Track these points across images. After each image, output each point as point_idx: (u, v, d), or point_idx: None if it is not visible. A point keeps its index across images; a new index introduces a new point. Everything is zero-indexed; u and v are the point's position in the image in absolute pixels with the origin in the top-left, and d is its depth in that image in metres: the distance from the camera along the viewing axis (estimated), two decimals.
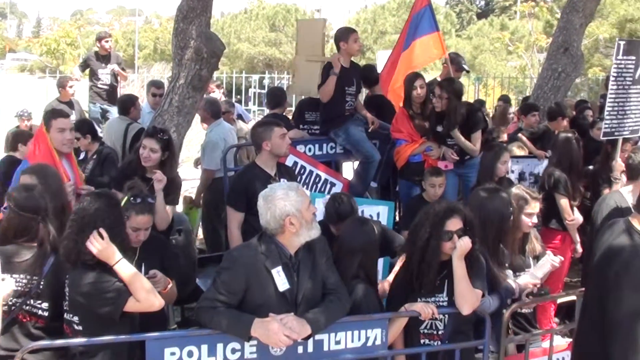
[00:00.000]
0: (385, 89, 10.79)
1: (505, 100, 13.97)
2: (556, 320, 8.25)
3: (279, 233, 4.89)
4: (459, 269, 5.24)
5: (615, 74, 8.12)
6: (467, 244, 5.24)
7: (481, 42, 42.38)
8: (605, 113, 8.21)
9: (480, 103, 13.93)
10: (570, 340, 6.16)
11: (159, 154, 7.00)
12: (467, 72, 12.36)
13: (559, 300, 7.67)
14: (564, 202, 8.13)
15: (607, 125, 8.21)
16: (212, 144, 9.74)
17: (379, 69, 11.52)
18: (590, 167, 9.24)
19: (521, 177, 9.88)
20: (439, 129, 9.08)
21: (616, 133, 8.33)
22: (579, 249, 8.38)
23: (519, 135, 10.64)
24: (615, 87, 8.14)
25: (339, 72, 8.97)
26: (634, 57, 8.13)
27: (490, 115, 13.62)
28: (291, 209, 4.82)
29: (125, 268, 4.87)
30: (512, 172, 9.41)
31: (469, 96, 18.83)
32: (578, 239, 8.27)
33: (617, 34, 33.47)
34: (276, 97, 10.77)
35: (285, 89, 15.38)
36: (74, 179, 6.99)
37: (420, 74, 9.58)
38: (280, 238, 4.91)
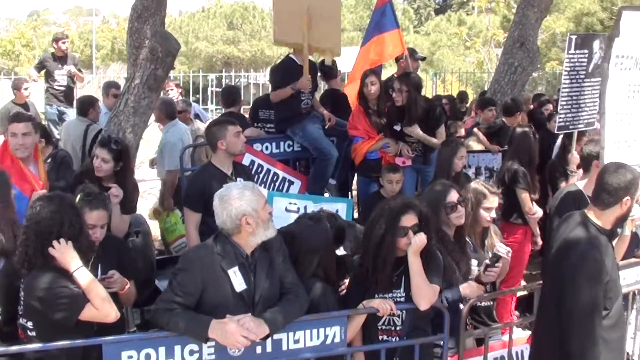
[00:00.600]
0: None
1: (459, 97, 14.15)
2: (517, 313, 8.32)
3: (235, 233, 4.86)
4: (415, 264, 5.24)
5: (567, 68, 8.19)
6: (421, 240, 5.24)
7: (439, 37, 42.59)
8: (559, 107, 8.28)
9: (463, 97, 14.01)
10: (530, 332, 6.19)
11: (111, 164, 6.98)
12: (423, 59, 12.43)
13: (519, 293, 7.75)
14: (524, 196, 8.21)
15: (561, 119, 8.28)
16: (170, 145, 9.68)
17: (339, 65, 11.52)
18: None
19: (477, 172, 9.94)
20: (397, 127, 9.09)
21: (571, 126, 8.40)
22: (539, 241, 8.46)
23: (475, 130, 10.69)
24: (568, 81, 8.20)
25: (298, 75, 9.00)
26: (586, 51, 8.20)
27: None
28: (247, 209, 4.79)
29: (83, 275, 4.82)
30: (470, 167, 9.46)
31: (427, 92, 18.87)
32: (538, 232, 8.34)
33: (573, 28, 33.77)
34: (231, 95, 10.73)
35: (244, 87, 15.30)
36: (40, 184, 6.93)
37: (373, 71, 9.58)
38: (236, 238, 4.88)
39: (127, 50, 8.96)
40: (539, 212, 8.31)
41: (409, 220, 5.29)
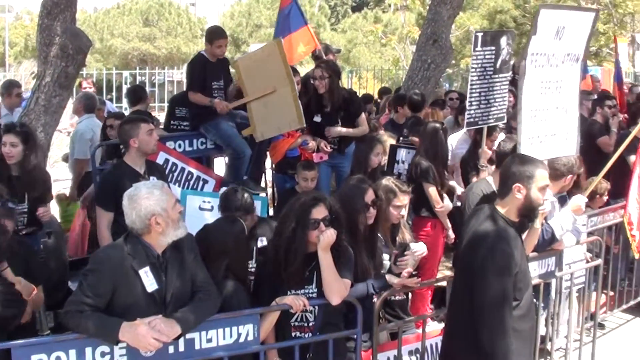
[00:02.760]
0: None
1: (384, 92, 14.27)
2: (432, 306, 8.42)
3: (145, 233, 4.81)
4: (325, 259, 5.25)
5: (475, 65, 8.28)
6: (331, 235, 5.25)
7: (355, 35, 42.81)
8: (467, 103, 8.37)
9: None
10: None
11: (20, 147, 6.95)
12: (338, 51, 12.50)
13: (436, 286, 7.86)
14: (432, 191, 8.30)
15: (470, 115, 8.36)
16: (80, 134, 9.75)
17: None
18: None
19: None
20: (317, 118, 9.12)
21: (480, 122, 8.50)
22: (451, 234, 8.55)
23: None
24: (475, 77, 8.30)
25: (209, 71, 8.97)
26: (493, 48, 8.31)
27: None
28: (156, 208, 4.74)
29: None
30: (403, 162, 9.49)
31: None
32: (449, 225, 8.44)
33: (487, 25, 34.43)
34: (137, 93, 10.67)
35: (159, 85, 15.18)
36: None
37: (294, 68, 9.59)
38: (146, 238, 4.83)
39: (37, 48, 8.82)
40: (447, 205, 8.41)
41: (320, 212, 5.30)
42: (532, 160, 5.29)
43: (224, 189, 7.14)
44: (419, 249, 6.46)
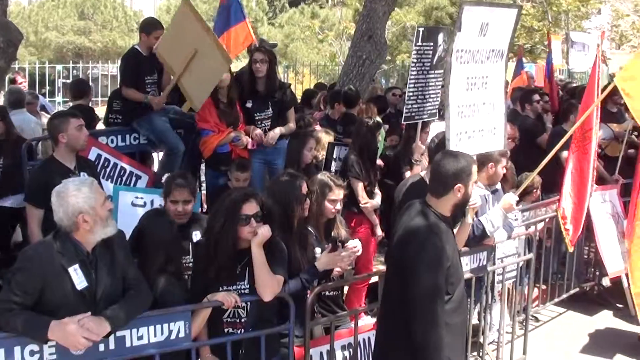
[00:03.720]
0: None
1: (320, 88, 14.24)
2: (367, 301, 8.45)
3: (73, 230, 4.75)
4: (258, 256, 5.24)
5: (415, 60, 8.35)
6: (266, 232, 5.25)
7: (292, 30, 42.78)
8: (406, 98, 8.42)
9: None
10: None
11: None
12: (274, 46, 12.49)
13: (371, 280, 7.88)
14: (357, 186, 8.31)
15: (407, 110, 8.42)
16: None
17: None
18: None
19: None
20: (249, 104, 9.13)
21: (416, 117, 8.57)
22: (379, 231, 8.58)
23: None
24: (415, 72, 8.38)
25: (142, 66, 8.88)
26: (432, 43, 8.39)
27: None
28: (84, 206, 4.69)
29: None
30: (340, 159, 9.51)
31: None
32: (377, 221, 8.45)
33: (423, 21, 34.70)
34: (80, 87, 10.52)
35: (93, 79, 14.99)
36: None
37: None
38: (75, 235, 4.77)
39: None
40: (372, 202, 8.44)
41: (250, 208, 5.27)
42: (465, 156, 5.37)
43: (166, 175, 7.03)
44: (355, 245, 6.49)
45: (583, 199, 8.78)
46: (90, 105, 10.85)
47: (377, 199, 8.53)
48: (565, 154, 8.88)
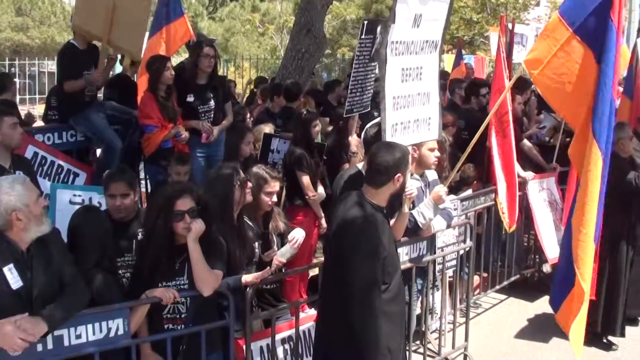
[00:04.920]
0: None
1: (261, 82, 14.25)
2: (310, 292, 8.46)
3: (7, 229, 4.66)
4: (195, 251, 5.22)
5: (358, 53, 8.35)
6: (199, 227, 5.23)
7: (233, 24, 42.60)
8: (349, 91, 8.41)
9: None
10: None
11: None
12: (213, 41, 12.43)
13: (312, 273, 7.89)
14: (305, 179, 8.33)
15: (349, 103, 8.41)
16: None
17: None
18: None
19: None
20: (190, 98, 9.09)
21: (355, 110, 8.58)
22: (324, 223, 8.60)
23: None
24: (357, 65, 8.38)
25: (79, 60, 8.77)
26: (371, 36, 8.39)
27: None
28: (17, 204, 4.61)
29: None
30: (278, 152, 9.51)
31: None
32: (322, 213, 8.48)
33: (363, 15, 34.77)
34: (0, 81, 10.29)
35: (29, 76, 14.74)
36: None
37: (168, 57, 9.49)
38: (9, 234, 4.69)
39: None
40: (320, 193, 8.46)
41: (184, 204, 5.25)
42: (401, 147, 5.46)
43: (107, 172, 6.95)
44: (296, 235, 6.51)
45: (513, 182, 8.97)
46: (12, 99, 10.61)
47: (322, 191, 8.55)
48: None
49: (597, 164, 6.83)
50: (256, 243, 6.28)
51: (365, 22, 8.46)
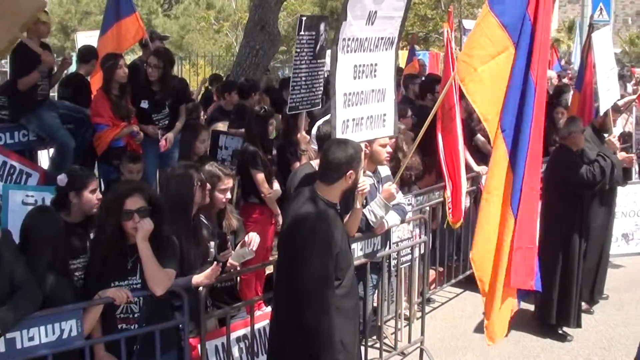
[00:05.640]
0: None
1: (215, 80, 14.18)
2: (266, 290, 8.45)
3: None
4: (144, 250, 5.19)
5: (298, 50, 8.33)
6: (147, 226, 5.19)
7: (188, 21, 42.43)
8: (291, 88, 8.39)
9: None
10: None
11: None
12: (165, 38, 12.38)
13: (269, 271, 7.87)
14: (259, 177, 8.31)
15: (292, 100, 8.39)
16: None
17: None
18: None
19: (234, 155, 10.00)
20: (144, 105, 9.06)
21: (300, 107, 8.56)
22: (280, 220, 8.58)
23: None
24: (298, 62, 8.36)
25: (31, 57, 8.65)
26: (314, 32, 8.37)
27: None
28: None
29: None
30: (227, 148, 9.49)
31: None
32: (278, 211, 8.48)
33: (319, 11, 34.77)
34: None
35: None
36: None
37: (120, 55, 9.42)
38: None
39: None
40: (275, 191, 8.46)
41: (134, 203, 5.22)
42: (353, 143, 5.48)
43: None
44: (254, 238, 6.52)
45: (459, 177, 9.03)
46: None
47: (278, 188, 8.54)
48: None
49: (499, 161, 6.79)
50: (211, 242, 6.26)
51: (303, 18, 8.43)
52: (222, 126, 10.26)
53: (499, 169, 6.68)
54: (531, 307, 9.08)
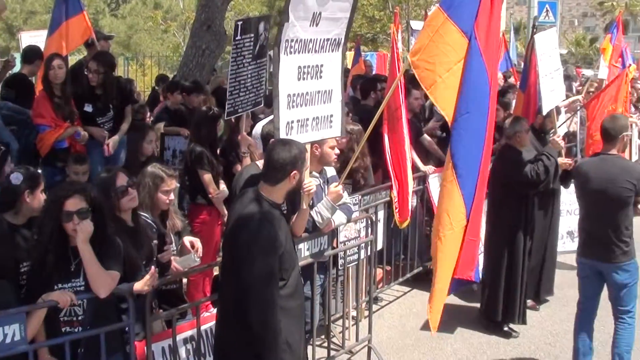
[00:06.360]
0: None
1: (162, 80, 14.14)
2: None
3: None
4: (86, 252, 5.14)
5: (234, 55, 8.28)
6: (86, 228, 5.14)
7: (136, 21, 42.14)
8: (228, 93, 8.33)
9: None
10: None
11: None
12: (110, 37, 12.28)
13: (216, 272, 7.85)
14: (207, 177, 8.28)
15: (229, 105, 8.34)
16: None
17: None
18: None
19: (174, 155, 9.97)
20: (88, 108, 8.97)
21: (239, 110, 8.53)
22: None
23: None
24: (235, 66, 8.30)
25: None
26: (251, 35, 8.34)
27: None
28: None
29: None
30: (168, 149, 9.45)
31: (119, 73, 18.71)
32: (226, 211, 8.43)
33: (267, 11, 34.74)
34: None
35: None
36: None
37: (57, 54, 9.31)
38: None
39: None
40: (222, 192, 8.44)
41: (74, 204, 5.16)
42: (297, 144, 5.50)
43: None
44: (198, 245, 6.52)
45: (405, 177, 9.10)
46: None
47: (225, 188, 8.52)
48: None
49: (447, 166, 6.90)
50: (154, 242, 6.23)
51: (239, 23, 8.39)
52: (161, 127, 10.24)
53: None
54: (477, 305, 9.18)
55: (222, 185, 8.48)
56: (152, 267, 5.80)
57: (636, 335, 7.49)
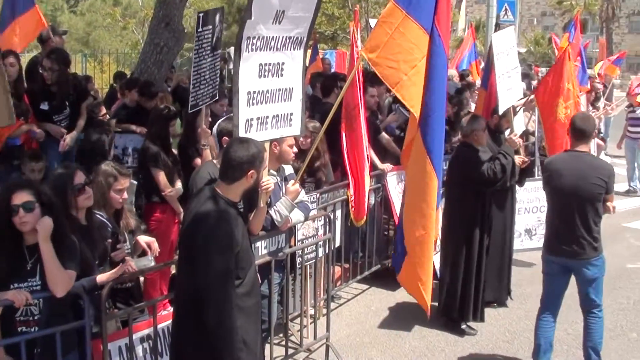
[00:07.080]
0: None
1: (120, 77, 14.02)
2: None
3: None
4: (46, 250, 5.09)
5: (197, 47, 8.26)
6: (46, 225, 5.10)
7: (95, 17, 41.82)
8: (191, 86, 8.30)
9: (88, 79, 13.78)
10: None
11: None
12: (64, 33, 12.18)
13: (174, 270, 7.82)
14: (160, 176, 8.27)
15: (193, 98, 8.31)
16: None
17: None
18: None
19: (124, 153, 9.90)
20: (44, 106, 8.89)
21: (200, 103, 8.51)
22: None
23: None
24: (197, 58, 8.28)
25: None
26: (210, 26, 8.31)
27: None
28: None
29: None
30: (116, 147, 9.42)
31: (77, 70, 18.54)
32: (181, 209, 8.41)
33: (227, 8, 34.61)
34: None
35: None
36: None
37: (11, 51, 9.24)
38: None
39: None
40: (176, 190, 8.41)
41: (20, 198, 5.10)
42: (256, 142, 5.48)
43: None
44: (153, 246, 6.50)
45: (362, 175, 9.15)
46: None
47: (179, 186, 8.49)
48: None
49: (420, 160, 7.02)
50: (108, 241, 6.20)
51: (201, 15, 8.37)
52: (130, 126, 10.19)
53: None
54: (435, 303, 9.23)
55: (178, 184, 8.46)
56: (121, 263, 5.80)
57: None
